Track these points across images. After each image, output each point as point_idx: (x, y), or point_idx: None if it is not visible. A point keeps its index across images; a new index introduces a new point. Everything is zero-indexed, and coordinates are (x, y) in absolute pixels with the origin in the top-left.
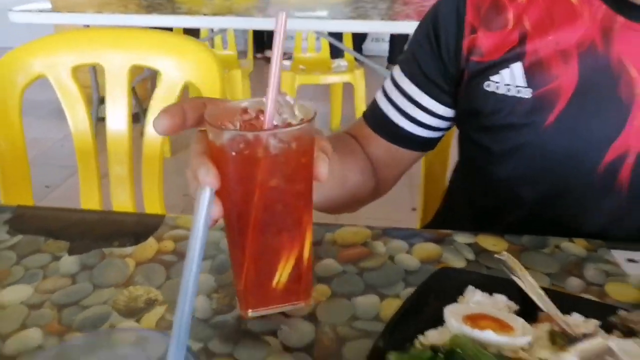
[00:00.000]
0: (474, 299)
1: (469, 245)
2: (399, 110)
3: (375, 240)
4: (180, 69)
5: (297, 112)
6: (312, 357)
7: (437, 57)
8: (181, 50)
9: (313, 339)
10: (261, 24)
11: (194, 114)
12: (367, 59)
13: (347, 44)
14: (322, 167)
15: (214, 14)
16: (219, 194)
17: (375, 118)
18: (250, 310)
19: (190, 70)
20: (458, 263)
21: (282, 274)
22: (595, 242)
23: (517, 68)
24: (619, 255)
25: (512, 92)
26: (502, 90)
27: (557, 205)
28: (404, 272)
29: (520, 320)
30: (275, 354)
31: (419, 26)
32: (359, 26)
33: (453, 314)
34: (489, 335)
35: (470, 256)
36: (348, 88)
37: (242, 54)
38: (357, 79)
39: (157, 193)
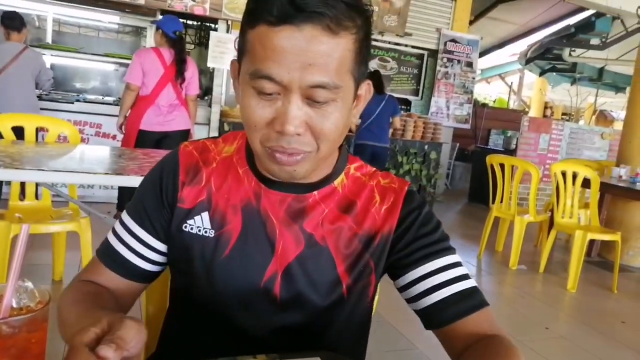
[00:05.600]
0: None
1: None
2: (128, 247)
3: None
4: None
5: (36, 295)
6: None
7: (160, 204)
8: None
9: None
10: None
11: None
12: (92, 208)
13: (72, 193)
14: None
15: None
16: None
17: (108, 256)
18: None
19: None
20: None
21: None
22: (272, 355)
23: (205, 216)
24: None
25: (202, 232)
26: (195, 231)
27: (240, 320)
28: None
29: None
30: None
31: (147, 179)
32: (86, 179)
33: None
34: None
35: None
36: (74, 236)
37: None
38: (83, 227)
39: None
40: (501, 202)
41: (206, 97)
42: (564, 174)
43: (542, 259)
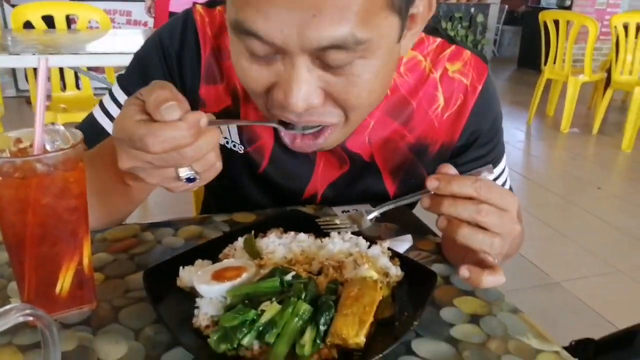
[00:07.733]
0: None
1: (226, 222)
2: None
3: (144, 232)
4: None
5: (69, 137)
6: (91, 327)
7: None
8: None
9: (89, 315)
10: (8, 62)
11: None
12: None
13: (111, 79)
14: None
15: None
16: None
17: (90, 130)
18: None
19: None
20: (217, 235)
21: (64, 282)
22: (320, 205)
23: (233, 126)
24: (337, 209)
25: (230, 145)
26: (222, 142)
27: None
28: (171, 250)
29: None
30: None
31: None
32: (121, 59)
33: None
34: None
35: (226, 229)
36: None
37: None
38: None
39: None
40: (554, 62)
41: None
42: (625, 27)
43: (595, 120)
